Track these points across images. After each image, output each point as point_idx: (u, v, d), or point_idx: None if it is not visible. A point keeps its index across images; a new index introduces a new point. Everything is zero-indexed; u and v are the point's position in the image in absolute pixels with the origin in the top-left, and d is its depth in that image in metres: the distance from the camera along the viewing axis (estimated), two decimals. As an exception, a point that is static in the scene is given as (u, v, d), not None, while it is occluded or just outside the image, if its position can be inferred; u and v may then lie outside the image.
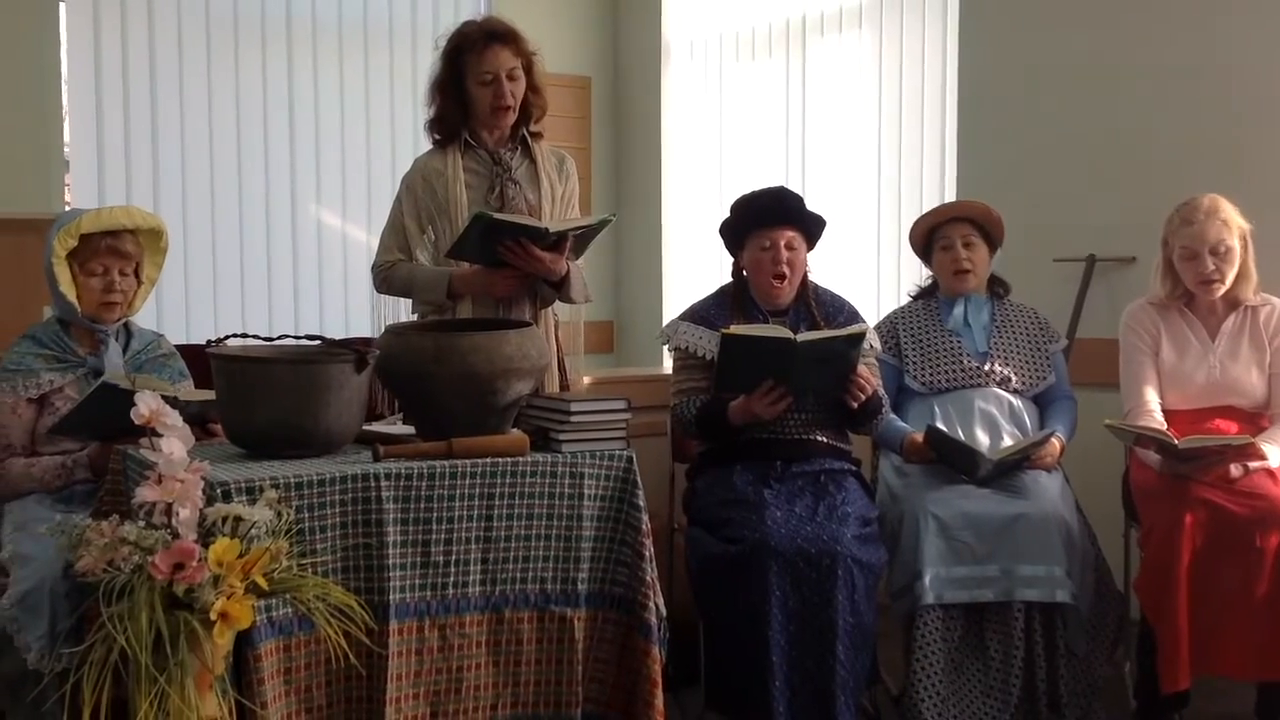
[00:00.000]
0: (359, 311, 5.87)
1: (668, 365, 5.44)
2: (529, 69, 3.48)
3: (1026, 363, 3.74)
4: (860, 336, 3.33)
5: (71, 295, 3.17)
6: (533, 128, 3.55)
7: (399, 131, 5.94)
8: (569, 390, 3.60)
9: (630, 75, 6.47)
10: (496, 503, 2.75)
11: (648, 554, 2.84)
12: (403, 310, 3.72)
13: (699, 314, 3.60)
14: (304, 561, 2.50)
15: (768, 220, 3.50)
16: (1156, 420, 3.49)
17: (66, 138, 5.28)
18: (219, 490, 2.49)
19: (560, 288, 3.40)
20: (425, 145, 3.62)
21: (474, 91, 3.44)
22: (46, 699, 2.74)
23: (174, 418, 2.48)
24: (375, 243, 5.64)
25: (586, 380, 3.98)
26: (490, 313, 3.38)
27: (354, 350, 2.84)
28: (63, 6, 5.23)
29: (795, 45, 5.65)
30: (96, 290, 3.19)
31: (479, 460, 2.74)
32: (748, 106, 5.90)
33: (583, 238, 3.38)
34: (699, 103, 6.16)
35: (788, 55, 5.69)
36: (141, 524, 2.36)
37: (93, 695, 2.19)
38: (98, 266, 3.18)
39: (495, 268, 3.33)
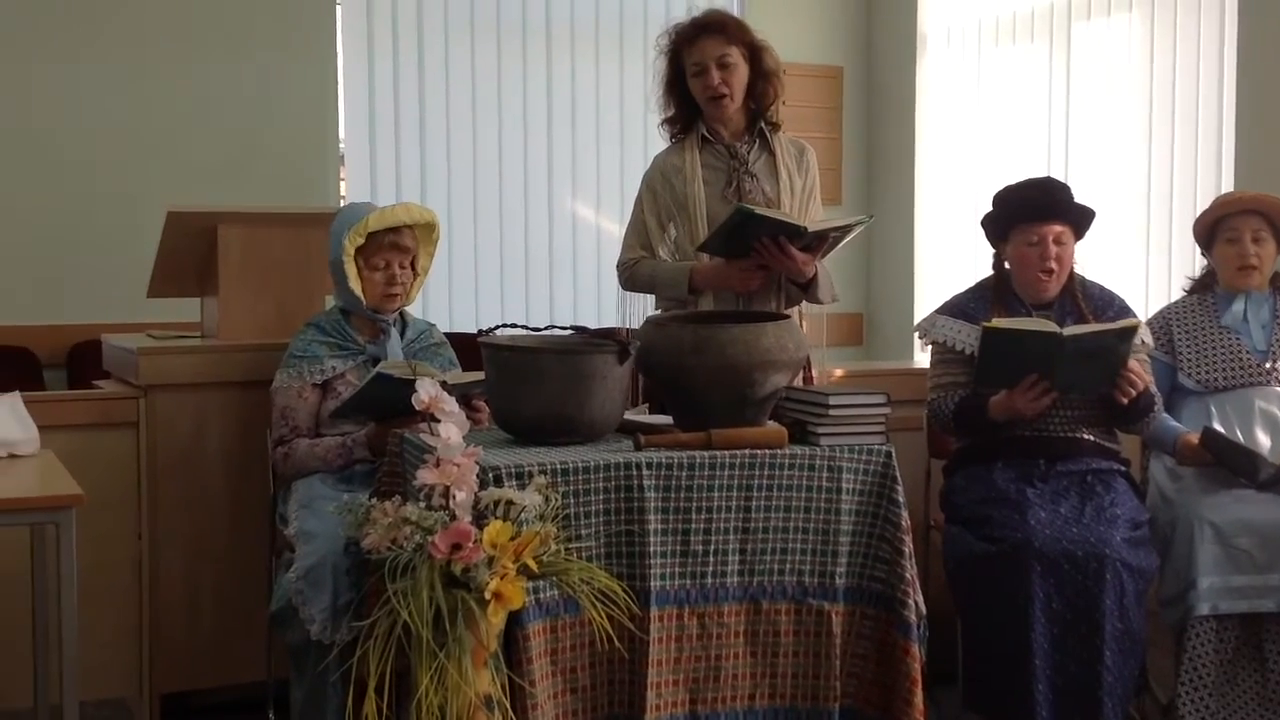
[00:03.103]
0: (610, 303, 5.99)
1: (919, 359, 5.37)
2: (754, 57, 3.42)
3: (1312, 362, 3.53)
4: (1132, 330, 3.20)
5: (358, 289, 3.34)
6: (771, 119, 3.52)
7: (651, 127, 5.99)
8: (813, 383, 3.58)
9: (884, 64, 6.39)
10: (754, 494, 2.76)
11: (907, 550, 2.81)
12: (648, 303, 3.78)
13: (958, 307, 3.53)
14: (570, 546, 2.56)
15: (1035, 214, 3.39)
16: None
17: (341, 134, 5.57)
18: (490, 475, 2.58)
19: (808, 288, 3.37)
20: (672, 140, 3.64)
21: (691, 83, 3.43)
22: (328, 669, 2.90)
23: (451, 404, 2.58)
24: (626, 237, 5.84)
25: (838, 373, 3.95)
26: (731, 307, 3.36)
27: (617, 341, 2.90)
28: (339, 10, 5.52)
29: (1059, 30, 5.46)
30: (380, 283, 3.35)
31: (737, 452, 2.76)
32: (1008, 95, 5.74)
33: (835, 239, 3.34)
34: (956, 91, 6.03)
35: (1051, 41, 5.51)
36: (422, 505, 2.47)
37: (378, 666, 2.31)
38: (380, 261, 3.35)
39: (735, 260, 3.33)
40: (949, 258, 6.00)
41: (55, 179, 4.99)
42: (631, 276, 3.53)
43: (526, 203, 5.90)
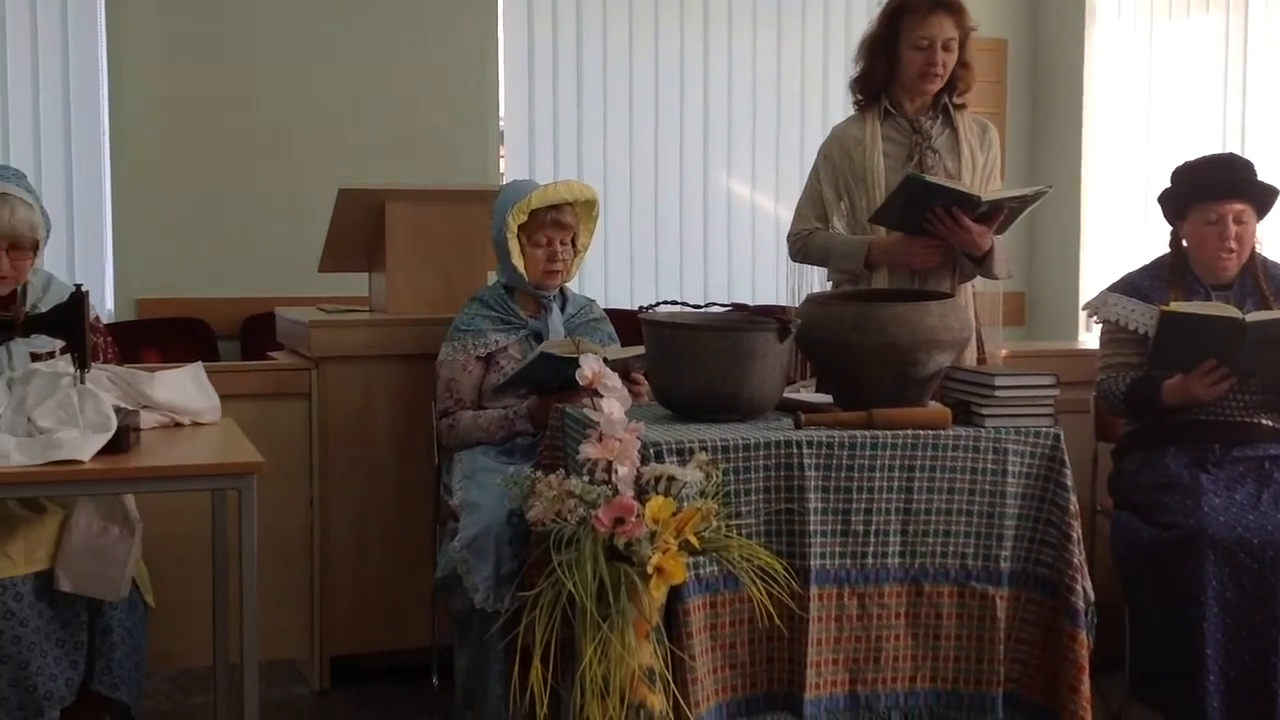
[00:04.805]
0: (765, 280, 5.99)
1: (1084, 339, 5.23)
2: (964, 42, 3.40)
3: None
4: (1318, 316, 3.08)
5: (521, 265, 3.39)
6: (956, 100, 3.47)
7: (809, 105, 6.00)
8: (986, 364, 3.52)
9: (1050, 36, 6.22)
10: (917, 475, 2.73)
11: (1075, 536, 2.74)
12: (815, 280, 3.75)
13: (1132, 285, 3.43)
14: (731, 523, 2.57)
15: (1215, 192, 3.28)
16: None
17: (501, 113, 5.66)
18: (651, 450, 2.59)
19: (983, 262, 3.31)
20: (834, 117, 3.62)
21: (905, 55, 3.39)
22: (491, 637, 2.96)
23: (614, 380, 2.61)
24: (782, 213, 5.81)
25: (1003, 353, 3.88)
26: (906, 284, 3.33)
27: (777, 319, 2.89)
28: (500, -10, 5.61)
29: (1236, 0, 5.25)
30: (541, 260, 3.40)
31: (899, 432, 2.73)
32: (1181, 68, 5.54)
33: (1013, 211, 3.28)
34: (1126, 64, 5.84)
35: (1228, 11, 5.30)
36: (585, 479, 2.50)
37: (543, 635, 2.35)
38: (542, 238, 3.39)
39: (916, 235, 3.29)
40: (1117, 236, 5.83)
41: (229, 159, 5.17)
42: (804, 248, 3.51)
43: (682, 180, 5.92)
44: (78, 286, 2.77)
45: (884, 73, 3.43)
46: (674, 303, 3.02)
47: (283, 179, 5.20)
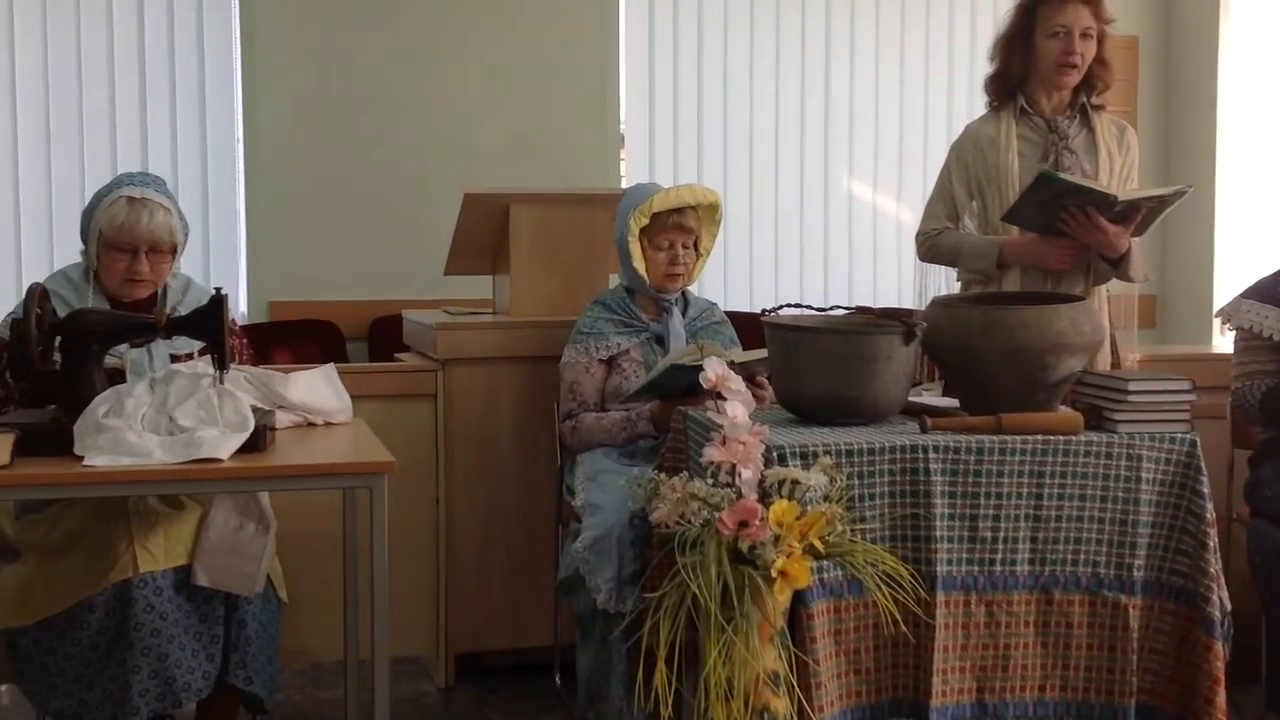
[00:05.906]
0: (887, 282, 5.92)
1: (1219, 343, 5.09)
2: (1102, 38, 3.35)
3: None
4: None
5: (642, 269, 3.41)
6: (1094, 100, 3.41)
7: (932, 104, 5.92)
8: (1119, 368, 3.45)
9: (1183, 31, 6.06)
10: (1047, 481, 2.69)
11: (1212, 544, 2.68)
12: (943, 282, 3.70)
13: (1266, 290, 3.34)
14: (855, 527, 2.55)
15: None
16: None
17: (622, 116, 5.69)
18: (774, 454, 2.59)
19: (1119, 264, 3.24)
20: (958, 116, 3.57)
21: (1042, 45, 3.34)
22: (614, 637, 2.98)
23: (738, 383, 2.61)
24: (904, 215, 5.74)
25: (1135, 358, 3.79)
26: (1039, 286, 3.28)
27: (902, 322, 2.86)
28: (621, -1, 5.64)
29: (1384, -10, 5.07)
30: (663, 263, 3.41)
31: (1029, 437, 2.69)
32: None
33: (1151, 211, 3.20)
34: (1262, 58, 5.67)
35: (1374, 1, 5.12)
36: (708, 482, 2.51)
37: (667, 637, 2.36)
38: (664, 241, 3.41)
39: (1051, 236, 3.23)
40: (1253, 238, 5.66)
41: (358, 165, 5.27)
42: (933, 247, 3.47)
43: (803, 181, 5.88)
44: (217, 290, 2.84)
45: (1020, 69, 3.38)
46: (796, 305, 3.01)
47: (409, 183, 5.28)
